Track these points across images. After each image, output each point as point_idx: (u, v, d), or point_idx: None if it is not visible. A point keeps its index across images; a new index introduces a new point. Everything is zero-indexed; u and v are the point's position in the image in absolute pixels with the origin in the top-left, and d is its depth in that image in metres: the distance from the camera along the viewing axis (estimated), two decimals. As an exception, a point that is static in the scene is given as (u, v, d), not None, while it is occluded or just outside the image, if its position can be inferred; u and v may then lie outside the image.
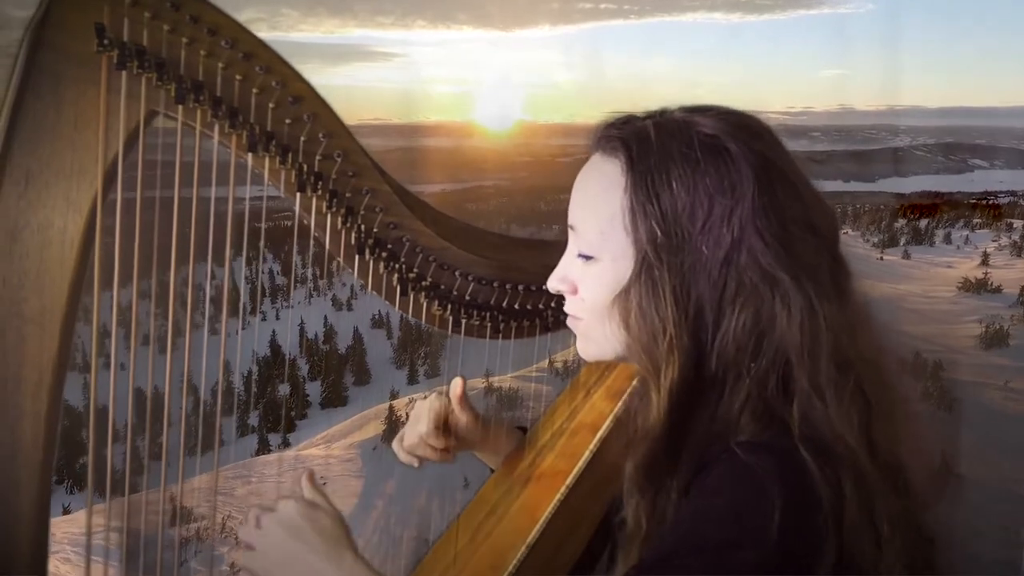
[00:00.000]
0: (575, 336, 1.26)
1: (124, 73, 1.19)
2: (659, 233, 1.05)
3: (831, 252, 1.10)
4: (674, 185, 1.05)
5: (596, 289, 1.15)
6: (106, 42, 1.18)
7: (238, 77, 1.24)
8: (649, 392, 1.10)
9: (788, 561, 0.93)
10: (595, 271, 1.15)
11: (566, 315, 1.27)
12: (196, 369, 1.38)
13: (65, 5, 1.19)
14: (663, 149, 1.07)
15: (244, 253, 1.38)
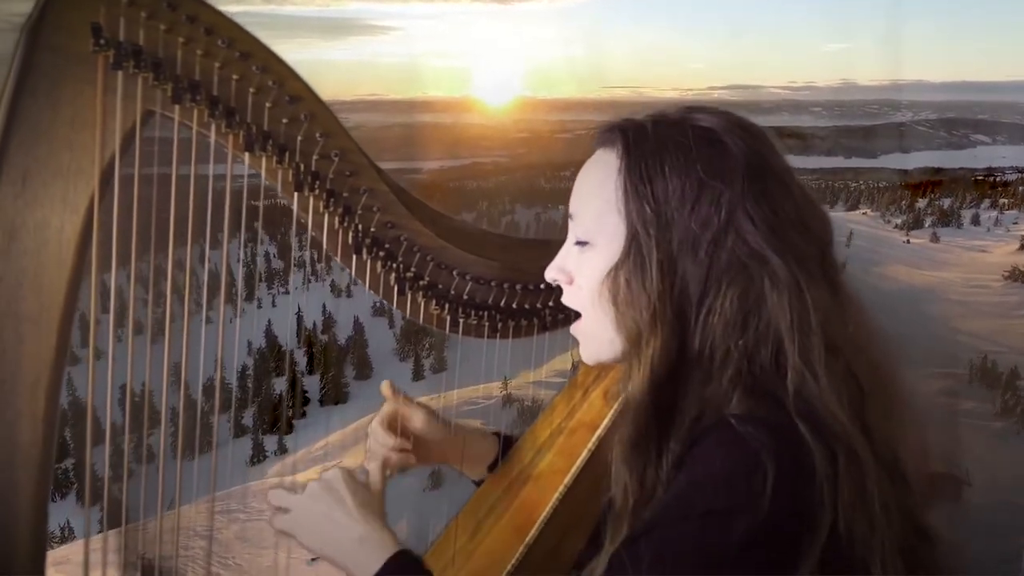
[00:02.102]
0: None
1: (120, 73, 1.23)
2: (648, 212, 1.13)
3: (822, 250, 1.17)
4: (666, 169, 1.13)
5: (590, 274, 1.23)
6: (102, 42, 1.21)
7: (235, 77, 1.28)
8: (633, 366, 1.17)
9: (779, 531, 0.98)
10: (590, 256, 1.23)
11: (565, 315, 1.33)
12: (184, 362, 1.41)
13: (61, 5, 1.21)
14: (659, 138, 1.16)
15: (242, 233, 1.41)
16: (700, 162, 1.12)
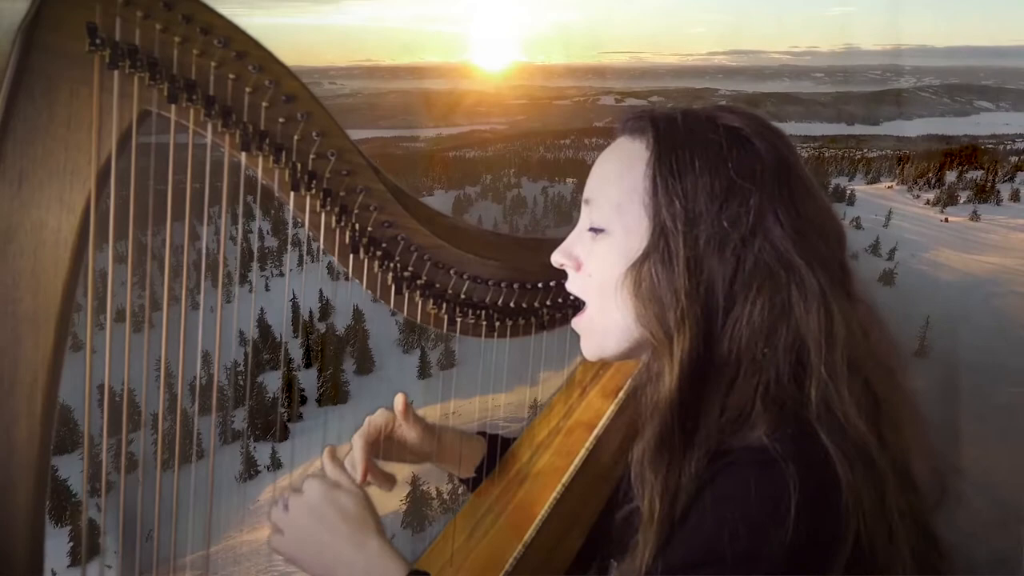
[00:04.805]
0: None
1: (116, 73, 1.28)
2: (678, 207, 1.18)
3: (839, 259, 1.22)
4: (697, 164, 1.18)
5: (604, 263, 1.28)
6: (98, 42, 1.26)
7: (231, 76, 1.33)
8: (661, 365, 1.21)
9: (807, 552, 1.04)
10: (604, 245, 1.28)
11: (563, 314, 1.38)
12: (173, 357, 1.43)
13: (57, 5, 1.27)
14: (689, 132, 1.21)
15: (240, 208, 1.42)
16: (731, 160, 1.17)
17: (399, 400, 1.60)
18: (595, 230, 1.29)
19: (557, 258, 1.36)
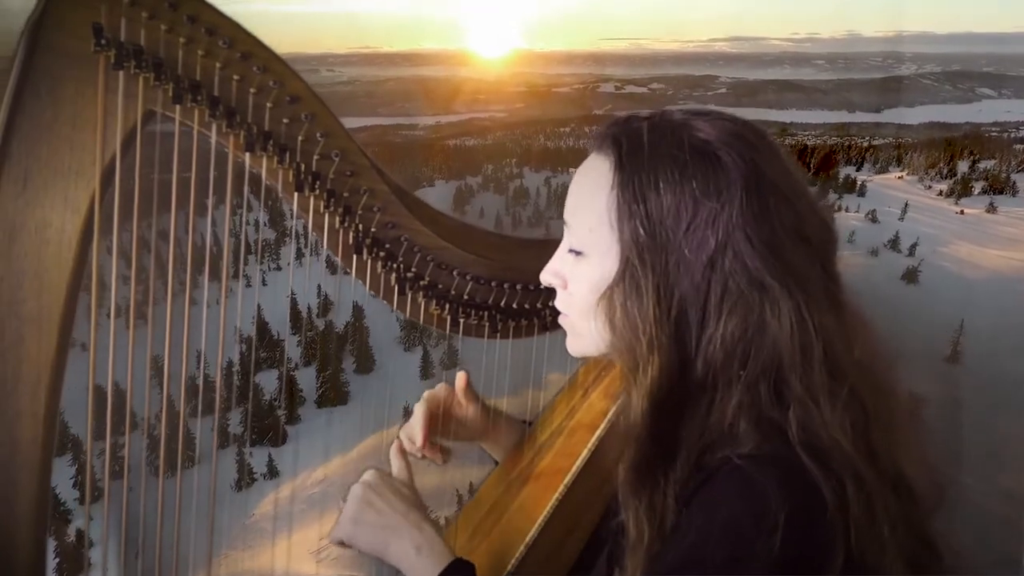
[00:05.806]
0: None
1: (121, 73, 1.31)
2: (643, 233, 1.17)
3: (823, 264, 1.21)
4: (660, 186, 1.16)
5: (583, 285, 1.29)
6: (103, 42, 1.29)
7: (235, 77, 1.36)
8: (631, 392, 1.22)
9: (796, 567, 1.04)
10: (583, 267, 1.28)
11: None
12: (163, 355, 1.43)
13: (63, 5, 1.29)
14: (653, 150, 1.19)
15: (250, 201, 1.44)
16: (695, 179, 1.15)
17: (461, 377, 1.66)
18: (574, 252, 1.30)
19: (546, 278, 1.37)
